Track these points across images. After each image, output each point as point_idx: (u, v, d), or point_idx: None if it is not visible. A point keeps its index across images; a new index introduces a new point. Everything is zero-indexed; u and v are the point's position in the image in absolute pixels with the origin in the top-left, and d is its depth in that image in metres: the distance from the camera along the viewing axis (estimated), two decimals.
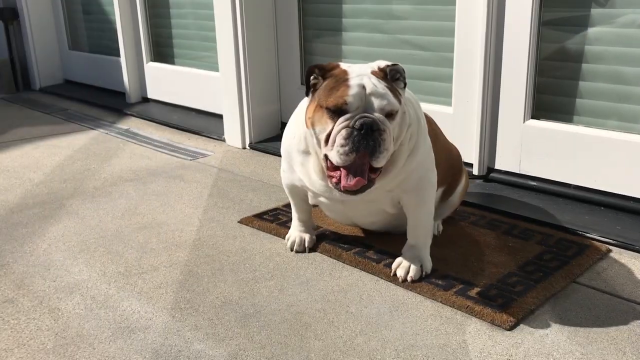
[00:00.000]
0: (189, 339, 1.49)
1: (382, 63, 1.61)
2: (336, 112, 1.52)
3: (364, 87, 1.52)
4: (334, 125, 1.52)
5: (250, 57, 3.04)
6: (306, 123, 1.62)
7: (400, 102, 1.57)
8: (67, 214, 2.30)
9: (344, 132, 1.49)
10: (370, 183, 1.55)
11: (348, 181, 1.52)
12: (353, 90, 1.51)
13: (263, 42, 3.09)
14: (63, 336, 1.51)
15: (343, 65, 1.61)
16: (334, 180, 1.57)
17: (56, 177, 2.75)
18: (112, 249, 2.00)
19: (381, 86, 1.53)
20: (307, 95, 1.65)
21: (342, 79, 1.54)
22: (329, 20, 2.96)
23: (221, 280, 1.78)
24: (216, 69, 3.37)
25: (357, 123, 1.48)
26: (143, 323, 1.56)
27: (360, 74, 1.55)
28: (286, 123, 1.83)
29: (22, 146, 3.28)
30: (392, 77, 1.59)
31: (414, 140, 1.66)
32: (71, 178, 2.73)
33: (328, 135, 1.53)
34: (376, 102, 1.51)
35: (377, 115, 1.51)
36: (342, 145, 1.49)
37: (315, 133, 1.58)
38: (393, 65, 1.60)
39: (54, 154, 3.11)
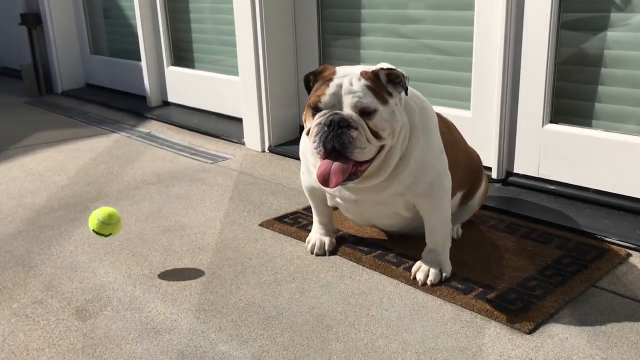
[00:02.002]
0: (213, 340, 1.53)
1: (380, 65, 1.64)
2: (315, 108, 1.62)
3: (341, 86, 1.59)
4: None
5: (270, 61, 3.08)
6: None
7: (386, 101, 1.59)
8: None
9: (315, 129, 1.60)
10: (354, 176, 1.61)
11: (319, 172, 1.60)
12: (331, 89, 1.59)
13: (282, 47, 3.13)
14: (91, 337, 1.56)
15: (337, 67, 1.66)
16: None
17: (80, 180, 2.81)
18: (136, 252, 2.04)
19: (359, 85, 1.58)
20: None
21: (328, 79, 1.62)
22: (347, 25, 2.99)
23: (244, 282, 1.81)
24: (236, 73, 3.41)
25: (327, 120, 1.57)
26: (168, 324, 1.60)
27: (346, 74, 1.61)
28: None
29: (46, 149, 3.34)
30: (390, 80, 1.61)
31: (405, 143, 1.68)
32: (95, 181, 2.78)
33: (309, 130, 1.65)
34: (348, 99, 1.58)
35: (347, 112, 1.57)
36: (313, 141, 1.61)
37: (305, 127, 1.69)
38: (389, 69, 1.61)
39: (77, 157, 3.17)
